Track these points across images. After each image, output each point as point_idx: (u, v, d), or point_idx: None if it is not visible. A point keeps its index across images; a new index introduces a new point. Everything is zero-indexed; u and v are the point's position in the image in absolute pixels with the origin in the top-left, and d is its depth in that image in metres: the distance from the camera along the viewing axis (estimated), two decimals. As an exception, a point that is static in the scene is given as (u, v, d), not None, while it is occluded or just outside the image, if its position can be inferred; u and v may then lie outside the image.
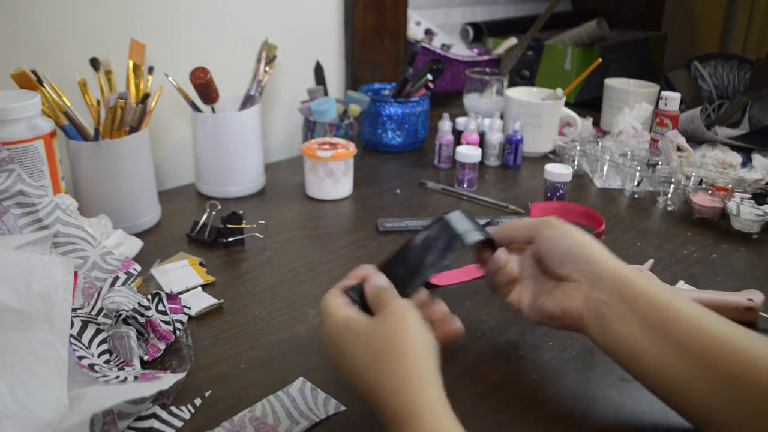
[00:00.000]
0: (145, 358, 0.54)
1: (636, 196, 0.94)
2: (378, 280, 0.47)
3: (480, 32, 1.59)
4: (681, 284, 0.66)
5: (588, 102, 1.41)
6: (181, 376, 0.49)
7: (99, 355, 0.53)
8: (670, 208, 0.89)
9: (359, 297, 0.47)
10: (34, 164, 0.66)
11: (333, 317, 0.45)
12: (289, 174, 1.02)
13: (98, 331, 0.55)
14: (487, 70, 1.28)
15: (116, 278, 0.62)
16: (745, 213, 0.79)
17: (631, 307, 0.45)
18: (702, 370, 0.42)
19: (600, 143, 1.04)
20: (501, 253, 0.54)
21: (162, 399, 0.49)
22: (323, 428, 0.48)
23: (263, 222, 0.81)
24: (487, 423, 0.49)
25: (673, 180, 0.90)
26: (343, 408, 0.50)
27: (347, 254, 0.76)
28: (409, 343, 0.40)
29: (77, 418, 0.42)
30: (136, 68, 0.79)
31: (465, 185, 0.96)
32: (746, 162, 0.98)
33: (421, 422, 0.37)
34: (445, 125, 1.04)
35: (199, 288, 0.67)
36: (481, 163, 1.05)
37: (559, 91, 1.08)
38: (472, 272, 0.69)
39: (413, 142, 1.13)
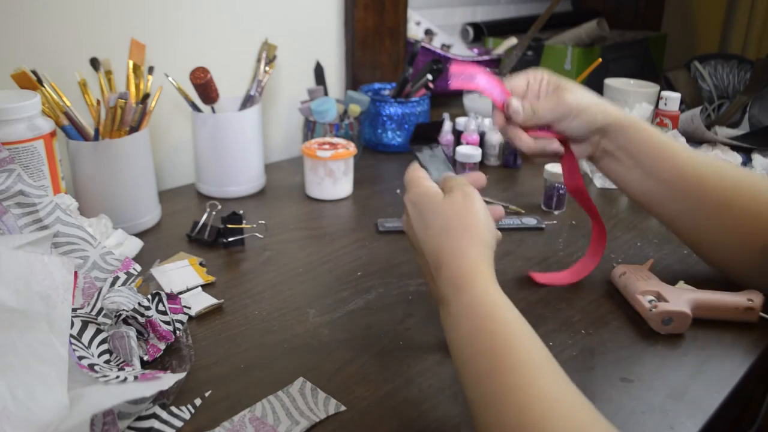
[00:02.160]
0: (145, 358, 0.54)
1: (636, 196, 0.94)
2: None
3: (480, 32, 1.59)
4: (681, 284, 0.66)
5: (588, 102, 1.41)
6: (181, 376, 0.49)
7: (99, 355, 0.53)
8: (670, 208, 0.89)
9: None
10: (34, 164, 0.66)
11: (417, 187, 0.53)
12: (289, 174, 1.02)
13: (98, 331, 0.55)
14: (487, 70, 1.28)
15: (116, 278, 0.62)
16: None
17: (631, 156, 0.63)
18: (672, 194, 0.63)
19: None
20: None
21: (162, 399, 0.49)
22: (323, 428, 0.48)
23: (263, 222, 0.81)
24: (487, 423, 0.49)
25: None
26: (343, 408, 0.50)
27: (347, 254, 0.76)
28: (476, 223, 0.48)
29: (77, 418, 0.42)
30: (136, 68, 0.79)
31: (465, 185, 0.96)
32: (746, 162, 0.99)
33: (475, 284, 0.45)
34: (445, 125, 1.04)
35: (199, 288, 0.67)
36: (481, 163, 1.05)
37: (559, 91, 1.08)
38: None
39: (413, 142, 1.13)
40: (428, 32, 1.44)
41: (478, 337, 0.43)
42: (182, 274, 0.68)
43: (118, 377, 0.48)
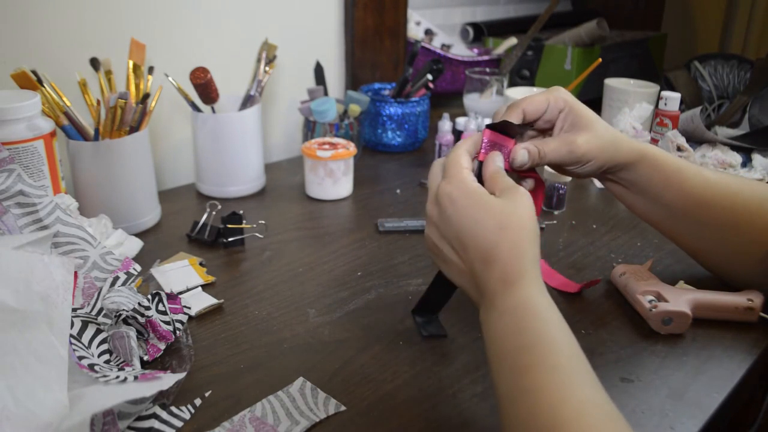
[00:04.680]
0: (145, 358, 0.54)
1: (636, 196, 0.94)
2: (497, 162, 0.54)
3: (480, 32, 1.59)
4: (681, 284, 0.66)
5: (588, 102, 1.40)
6: (181, 376, 0.49)
7: (99, 355, 0.53)
8: (670, 208, 0.89)
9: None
10: (34, 164, 0.66)
11: (463, 183, 0.50)
12: (289, 174, 1.02)
13: (98, 331, 0.55)
14: (487, 70, 1.28)
15: (116, 278, 0.62)
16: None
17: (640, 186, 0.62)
18: (679, 219, 0.63)
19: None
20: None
21: (162, 399, 0.49)
22: (323, 428, 0.48)
23: (263, 222, 0.81)
24: (487, 423, 0.49)
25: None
26: (343, 408, 0.50)
27: (347, 254, 0.76)
28: (531, 226, 0.48)
29: (77, 418, 0.42)
30: (136, 68, 0.79)
31: (465, 185, 0.96)
32: (746, 162, 0.98)
33: (528, 284, 0.46)
34: (445, 125, 1.04)
35: (199, 288, 0.67)
36: (481, 163, 1.05)
37: (559, 91, 1.07)
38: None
39: (413, 142, 1.13)
40: (428, 32, 1.44)
41: (522, 333, 0.43)
42: (182, 274, 0.68)
43: (118, 377, 0.48)
